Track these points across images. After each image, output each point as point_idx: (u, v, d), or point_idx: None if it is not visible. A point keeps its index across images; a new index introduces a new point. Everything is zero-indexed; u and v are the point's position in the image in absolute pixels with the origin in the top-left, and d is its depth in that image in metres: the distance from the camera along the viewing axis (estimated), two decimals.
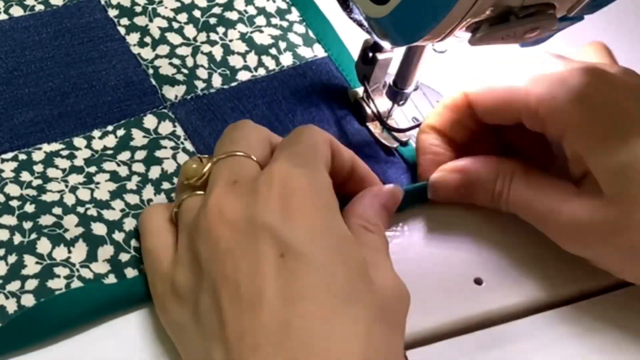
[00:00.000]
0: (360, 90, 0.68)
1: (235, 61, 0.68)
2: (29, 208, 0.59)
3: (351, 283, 0.52)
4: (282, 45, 0.69)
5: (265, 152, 0.58)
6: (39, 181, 0.60)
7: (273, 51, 0.69)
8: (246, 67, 0.68)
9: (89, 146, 0.63)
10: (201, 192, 0.57)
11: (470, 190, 0.62)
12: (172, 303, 0.54)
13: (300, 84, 0.68)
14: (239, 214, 0.53)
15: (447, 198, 0.63)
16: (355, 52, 0.67)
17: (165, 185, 0.62)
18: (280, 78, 0.68)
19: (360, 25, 0.59)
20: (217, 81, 0.67)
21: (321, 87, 0.68)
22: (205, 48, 0.68)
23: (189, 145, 0.64)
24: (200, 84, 0.67)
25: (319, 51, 0.70)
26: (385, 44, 0.62)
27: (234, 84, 0.67)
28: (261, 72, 0.68)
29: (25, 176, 0.61)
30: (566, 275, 0.62)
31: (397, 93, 0.66)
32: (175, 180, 0.62)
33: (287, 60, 0.69)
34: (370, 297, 0.52)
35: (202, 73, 0.67)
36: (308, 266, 0.51)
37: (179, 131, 0.64)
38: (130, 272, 0.58)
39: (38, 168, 0.61)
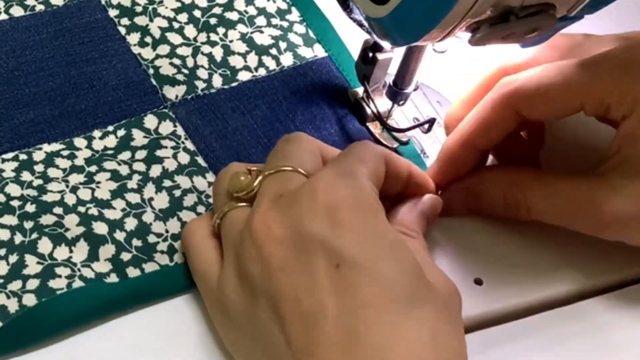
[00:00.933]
0: (360, 90, 0.68)
1: (235, 61, 0.68)
2: (30, 208, 0.59)
3: (411, 286, 0.51)
4: (283, 45, 0.69)
5: (318, 166, 0.57)
6: (40, 181, 0.60)
7: (273, 51, 0.69)
8: (247, 68, 0.68)
9: (89, 146, 0.63)
10: (244, 204, 0.56)
11: (480, 206, 0.62)
12: (224, 324, 0.54)
13: (300, 84, 0.68)
14: (286, 229, 0.52)
15: (458, 214, 0.63)
16: (355, 52, 0.67)
17: (167, 183, 0.62)
18: (281, 78, 0.68)
19: (360, 25, 0.59)
20: (217, 81, 0.67)
21: (321, 87, 0.68)
22: (206, 48, 0.68)
23: (189, 145, 0.64)
24: (200, 84, 0.67)
25: (319, 51, 0.70)
26: (385, 44, 0.63)
27: (234, 84, 0.67)
28: (261, 72, 0.68)
29: (25, 176, 0.61)
30: (566, 276, 0.62)
31: (397, 93, 0.66)
32: (176, 178, 0.62)
33: (287, 60, 0.69)
34: (432, 298, 0.51)
35: (202, 73, 0.67)
36: (365, 274, 0.50)
37: (180, 131, 0.64)
38: (132, 272, 0.58)
39: (39, 168, 0.61)
